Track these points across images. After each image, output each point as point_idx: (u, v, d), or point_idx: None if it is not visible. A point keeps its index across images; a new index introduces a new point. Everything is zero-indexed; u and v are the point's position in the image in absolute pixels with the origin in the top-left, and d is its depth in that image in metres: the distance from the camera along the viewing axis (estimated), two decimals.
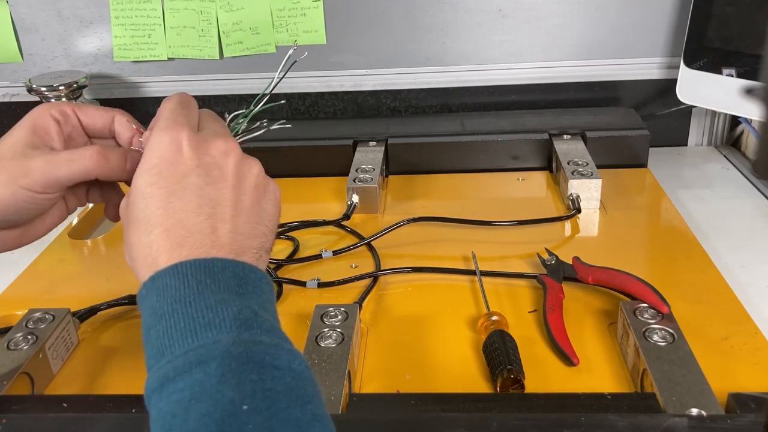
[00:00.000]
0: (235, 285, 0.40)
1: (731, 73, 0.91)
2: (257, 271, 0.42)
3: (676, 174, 0.99)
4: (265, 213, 0.46)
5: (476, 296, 0.71)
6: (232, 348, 0.36)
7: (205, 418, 0.33)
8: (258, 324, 0.38)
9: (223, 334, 0.36)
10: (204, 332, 0.36)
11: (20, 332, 0.63)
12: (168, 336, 0.37)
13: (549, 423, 0.49)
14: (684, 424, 0.48)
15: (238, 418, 0.33)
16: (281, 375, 0.36)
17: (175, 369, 0.35)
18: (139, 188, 0.43)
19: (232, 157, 0.45)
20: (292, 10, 1.05)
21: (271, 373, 0.36)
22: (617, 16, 1.03)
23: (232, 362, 0.35)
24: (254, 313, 0.38)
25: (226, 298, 0.38)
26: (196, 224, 0.41)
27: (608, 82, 1.07)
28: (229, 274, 0.40)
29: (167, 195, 0.42)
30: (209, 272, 0.39)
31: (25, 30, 1.09)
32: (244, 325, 0.37)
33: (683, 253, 0.77)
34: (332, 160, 1.00)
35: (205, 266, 0.40)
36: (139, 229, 0.42)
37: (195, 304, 0.38)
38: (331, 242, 0.84)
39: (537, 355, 0.62)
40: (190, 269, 0.39)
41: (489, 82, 1.08)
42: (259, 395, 0.34)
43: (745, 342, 0.62)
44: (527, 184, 0.96)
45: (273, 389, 0.35)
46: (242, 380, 0.34)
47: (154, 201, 0.42)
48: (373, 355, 0.64)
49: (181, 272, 0.39)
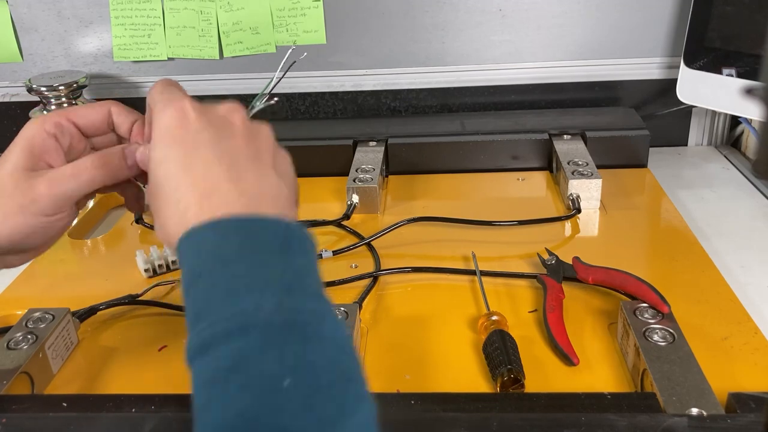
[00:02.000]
0: (278, 246, 0.38)
1: (731, 73, 0.91)
2: (301, 229, 0.40)
3: (676, 174, 0.99)
4: (284, 173, 0.44)
5: (476, 296, 0.71)
6: (275, 316, 0.34)
7: (245, 391, 0.32)
8: (302, 288, 0.36)
9: (265, 299, 0.35)
10: (245, 296, 0.35)
11: (20, 332, 0.63)
12: (207, 298, 0.36)
13: (549, 423, 0.49)
14: (684, 423, 0.48)
15: (279, 393, 0.32)
16: (324, 347, 0.34)
17: (214, 335, 0.34)
18: (156, 159, 0.42)
19: (239, 114, 0.44)
20: (292, 10, 1.05)
21: (314, 344, 0.34)
22: (617, 16, 1.03)
23: (274, 332, 0.34)
24: (298, 276, 0.37)
25: (268, 259, 0.37)
26: (219, 174, 0.40)
27: (608, 82, 1.07)
28: (271, 233, 0.38)
29: (184, 154, 0.41)
30: (251, 230, 0.38)
31: (25, 30, 1.09)
32: (287, 290, 0.35)
33: (683, 253, 0.77)
34: (332, 160, 1.00)
35: (247, 223, 0.38)
36: (166, 194, 0.41)
37: (235, 264, 0.36)
38: (331, 242, 0.84)
39: (537, 355, 0.62)
40: (231, 226, 0.38)
41: (489, 82, 1.08)
42: (302, 370, 0.33)
43: (745, 342, 0.62)
44: (527, 184, 0.96)
45: (316, 363, 0.33)
46: (284, 353, 0.33)
47: (173, 163, 0.41)
48: (373, 355, 0.64)
49: (221, 228, 0.38)
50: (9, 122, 1.15)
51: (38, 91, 1.01)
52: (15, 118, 1.14)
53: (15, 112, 1.14)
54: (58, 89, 1.01)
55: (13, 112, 1.14)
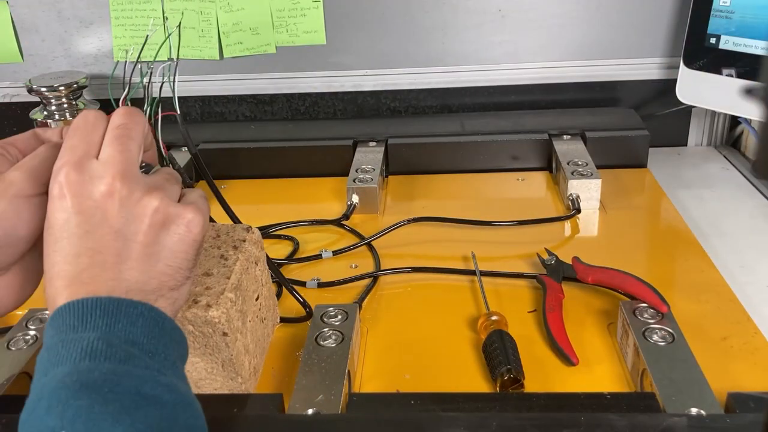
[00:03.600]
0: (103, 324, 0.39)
1: (731, 73, 0.91)
2: (137, 306, 0.41)
3: (675, 174, 0.99)
4: (167, 251, 0.44)
5: (476, 296, 0.71)
6: (66, 378, 0.37)
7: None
8: (111, 354, 0.38)
9: (64, 367, 0.37)
10: (52, 369, 0.38)
11: (20, 332, 0.63)
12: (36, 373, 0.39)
13: (549, 423, 0.49)
14: (684, 423, 0.48)
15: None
16: (116, 398, 0.36)
17: (26, 407, 0.37)
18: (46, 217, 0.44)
19: (115, 200, 0.42)
20: (292, 11, 1.05)
21: (103, 397, 0.36)
22: (617, 16, 1.03)
23: (61, 392, 0.36)
24: (108, 344, 0.38)
25: (85, 336, 0.39)
26: (74, 274, 0.41)
27: (608, 82, 1.07)
28: (99, 313, 0.40)
29: (49, 244, 0.42)
30: (79, 312, 0.40)
31: (26, 30, 1.09)
32: (89, 356, 0.38)
33: (683, 253, 0.77)
34: (332, 160, 1.00)
35: (77, 306, 0.40)
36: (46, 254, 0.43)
37: (54, 346, 0.39)
38: (331, 242, 0.84)
39: (537, 355, 0.62)
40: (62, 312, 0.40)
41: (489, 83, 1.08)
42: (82, 419, 0.35)
43: (745, 342, 0.63)
44: (527, 184, 0.96)
45: (103, 412, 0.35)
46: (67, 408, 0.35)
47: (45, 247, 0.43)
48: (372, 355, 0.64)
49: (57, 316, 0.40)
50: (9, 123, 1.15)
51: (38, 91, 1.01)
52: (15, 118, 1.14)
53: (15, 113, 1.14)
54: (58, 90, 1.01)
55: (13, 113, 1.14)
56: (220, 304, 0.52)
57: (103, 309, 0.40)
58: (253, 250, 0.61)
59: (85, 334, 0.39)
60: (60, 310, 0.40)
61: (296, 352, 0.63)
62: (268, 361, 0.63)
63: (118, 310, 0.40)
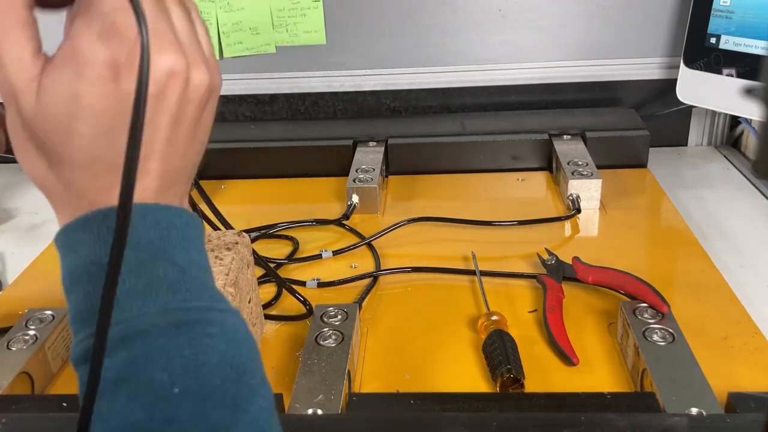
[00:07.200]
0: (157, 238, 0.34)
1: (731, 73, 0.91)
2: (182, 214, 0.36)
3: (676, 174, 0.99)
4: (205, 129, 0.38)
5: (476, 296, 0.71)
6: (159, 320, 0.32)
7: (132, 402, 0.31)
8: (186, 285, 0.34)
9: (148, 304, 0.33)
10: (127, 302, 0.32)
11: (20, 332, 0.63)
12: (88, 303, 0.33)
13: (549, 422, 0.49)
14: (684, 423, 0.48)
15: (169, 402, 0.31)
16: (215, 344, 0.33)
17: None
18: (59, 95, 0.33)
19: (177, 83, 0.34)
20: (292, 11, 1.05)
21: (203, 343, 0.33)
22: (617, 16, 1.03)
23: (159, 338, 0.32)
24: (181, 272, 0.34)
25: (148, 257, 0.34)
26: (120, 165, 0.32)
27: (608, 82, 1.07)
28: (149, 224, 0.34)
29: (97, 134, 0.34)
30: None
31: None
32: (170, 290, 0.33)
33: (683, 253, 0.77)
34: (332, 160, 1.00)
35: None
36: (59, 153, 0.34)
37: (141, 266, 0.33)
38: (331, 242, 0.84)
39: (537, 354, 0.62)
40: (103, 221, 0.34)
41: (489, 82, 1.08)
42: (192, 374, 0.32)
43: (745, 342, 0.62)
44: (527, 184, 0.96)
45: (206, 364, 0.32)
46: (171, 358, 0.32)
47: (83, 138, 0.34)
48: (373, 355, 0.64)
49: (93, 226, 0.34)
50: None
51: None
52: None
53: None
54: None
55: None
56: None
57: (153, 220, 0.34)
58: (245, 252, 0.61)
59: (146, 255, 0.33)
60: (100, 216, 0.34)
61: (296, 352, 0.63)
62: (268, 361, 0.63)
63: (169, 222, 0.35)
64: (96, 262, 0.33)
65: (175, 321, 0.33)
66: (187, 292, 0.34)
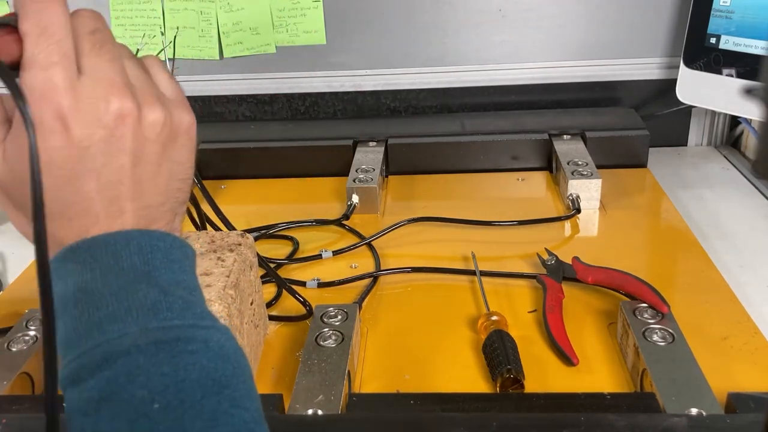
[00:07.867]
0: (140, 262, 0.36)
1: (731, 73, 0.91)
2: (166, 238, 0.38)
3: (675, 174, 0.99)
4: (178, 166, 0.39)
5: (476, 296, 0.71)
6: (139, 339, 0.34)
7: (115, 420, 0.32)
8: (168, 305, 0.35)
9: (129, 325, 0.34)
10: (109, 324, 0.34)
11: (20, 332, 0.63)
12: (74, 328, 0.35)
13: (549, 423, 0.49)
14: (683, 423, 0.48)
15: (149, 418, 0.32)
16: (195, 360, 0.34)
17: (82, 367, 0.34)
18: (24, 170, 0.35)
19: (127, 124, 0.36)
20: (292, 11, 1.05)
21: (183, 360, 0.34)
22: (617, 16, 1.03)
23: (139, 356, 0.33)
24: (163, 292, 0.35)
25: (130, 281, 0.35)
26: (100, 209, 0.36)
27: (608, 82, 1.07)
28: (133, 250, 0.36)
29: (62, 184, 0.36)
30: (111, 251, 0.36)
31: None
32: (151, 311, 0.35)
33: (683, 253, 0.77)
34: (332, 160, 1.00)
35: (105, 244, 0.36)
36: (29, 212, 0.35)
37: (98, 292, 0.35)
38: (331, 242, 0.84)
39: (537, 355, 0.62)
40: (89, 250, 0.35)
41: (489, 82, 1.08)
42: (171, 390, 0.33)
43: (744, 342, 0.62)
44: (527, 184, 0.96)
45: (186, 379, 0.33)
46: (151, 375, 0.33)
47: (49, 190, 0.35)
48: (373, 355, 0.64)
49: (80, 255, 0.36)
50: None
51: None
52: None
53: None
54: None
55: None
56: (222, 299, 0.52)
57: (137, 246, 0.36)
58: (248, 254, 0.61)
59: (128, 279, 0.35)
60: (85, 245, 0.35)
61: (296, 353, 0.63)
62: (268, 361, 0.63)
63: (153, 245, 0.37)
64: (82, 289, 0.35)
65: (155, 340, 0.34)
66: (168, 312, 0.35)
